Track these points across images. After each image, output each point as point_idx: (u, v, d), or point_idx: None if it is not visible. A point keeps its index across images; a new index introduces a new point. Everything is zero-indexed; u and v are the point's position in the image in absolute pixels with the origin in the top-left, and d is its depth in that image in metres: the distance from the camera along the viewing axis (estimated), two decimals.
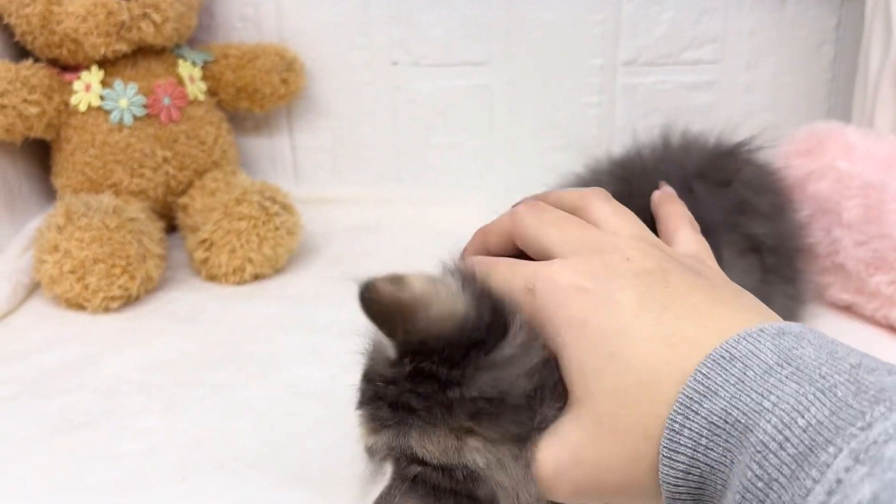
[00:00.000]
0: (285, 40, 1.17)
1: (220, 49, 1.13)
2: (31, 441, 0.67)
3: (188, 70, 1.07)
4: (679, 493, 0.41)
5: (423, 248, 1.09)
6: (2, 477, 0.63)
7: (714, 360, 0.40)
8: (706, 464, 0.39)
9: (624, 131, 1.15)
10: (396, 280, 0.45)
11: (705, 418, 0.39)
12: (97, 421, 0.70)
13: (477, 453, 0.44)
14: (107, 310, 0.90)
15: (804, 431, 0.35)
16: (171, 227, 1.08)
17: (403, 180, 1.23)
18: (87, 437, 0.68)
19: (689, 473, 0.40)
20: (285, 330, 0.87)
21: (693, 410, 0.39)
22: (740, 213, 0.72)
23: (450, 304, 0.45)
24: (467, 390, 0.44)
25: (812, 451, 0.35)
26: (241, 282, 0.97)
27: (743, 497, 0.37)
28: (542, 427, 0.45)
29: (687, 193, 0.62)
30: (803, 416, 0.36)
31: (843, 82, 1.12)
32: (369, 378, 0.49)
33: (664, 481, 0.41)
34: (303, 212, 1.04)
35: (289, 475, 0.62)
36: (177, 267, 1.02)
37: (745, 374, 0.38)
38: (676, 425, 0.40)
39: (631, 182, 0.70)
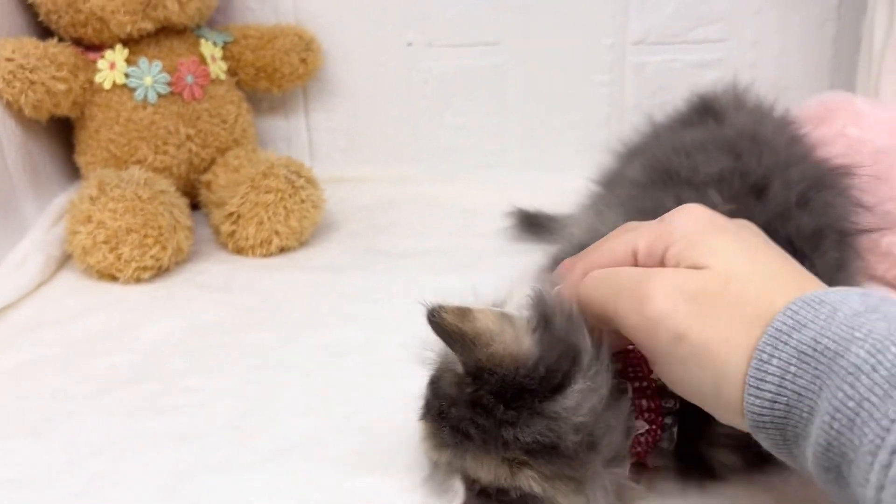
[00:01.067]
0: (301, 22, 1.19)
1: (239, 30, 1.15)
2: (82, 396, 0.70)
3: (210, 50, 1.09)
4: (764, 422, 0.43)
5: (440, 224, 1.12)
6: (59, 428, 0.65)
7: (804, 301, 0.42)
8: (793, 391, 0.41)
9: (634, 110, 1.18)
10: (463, 312, 0.47)
11: (794, 348, 0.41)
12: (145, 378, 0.72)
13: (532, 481, 0.46)
14: (138, 280, 0.92)
15: None
16: (193, 206, 1.10)
17: (418, 159, 1.25)
18: (137, 393, 0.70)
19: (776, 402, 0.42)
20: (316, 296, 0.89)
21: (782, 341, 0.41)
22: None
23: (512, 347, 0.46)
24: (521, 433, 0.46)
25: None
26: (268, 254, 0.99)
27: (832, 417, 0.38)
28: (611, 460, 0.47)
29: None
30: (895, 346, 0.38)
31: (845, 59, 1.15)
32: (436, 390, 0.51)
33: (749, 410, 0.43)
34: None
35: (338, 420, 0.65)
36: (202, 242, 1.04)
37: (834, 314, 0.41)
38: (765, 355, 0.42)
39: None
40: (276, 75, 1.15)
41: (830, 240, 0.64)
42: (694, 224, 0.49)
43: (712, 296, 0.45)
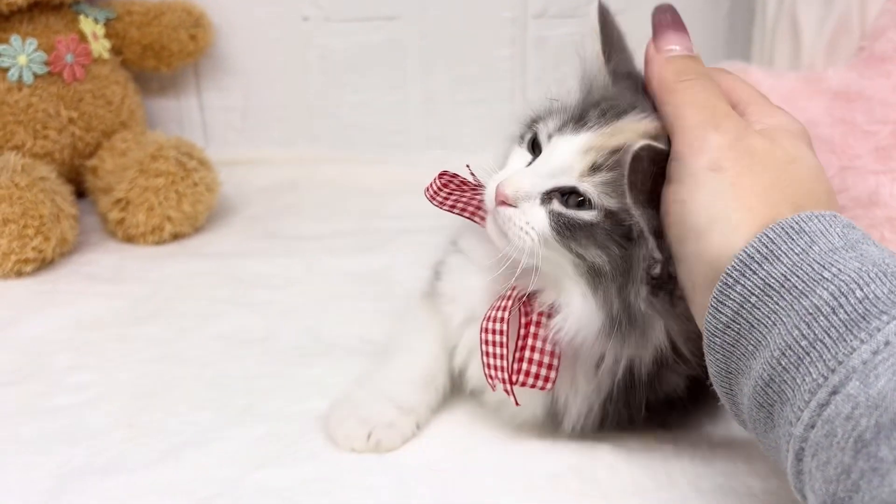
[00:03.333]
0: None
1: (123, 6, 1.09)
2: None
3: (90, 26, 1.03)
4: (715, 342, 0.43)
5: (341, 206, 1.09)
6: None
7: (783, 228, 0.41)
8: (747, 321, 0.41)
9: (536, 84, 1.17)
10: None
11: (762, 279, 0.41)
12: (26, 379, 0.67)
13: None
14: (20, 274, 0.86)
15: (860, 302, 0.37)
16: (79, 193, 1.04)
17: (317, 139, 1.21)
18: (17, 394, 0.65)
19: (729, 328, 0.42)
20: (212, 284, 0.85)
21: (751, 270, 0.41)
22: None
23: None
24: None
25: (865, 319, 0.37)
26: (160, 241, 0.95)
27: (783, 353, 0.39)
28: None
29: None
30: (861, 290, 0.37)
31: (739, 30, 1.17)
32: None
33: (706, 327, 0.43)
34: None
35: (237, 412, 0.62)
36: (89, 231, 0.98)
37: (810, 247, 0.40)
38: (731, 280, 0.42)
39: None
40: (164, 53, 1.10)
41: None
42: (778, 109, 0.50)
43: (766, 163, 0.45)
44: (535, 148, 0.54)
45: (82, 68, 1.01)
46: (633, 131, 0.50)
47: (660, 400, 0.56)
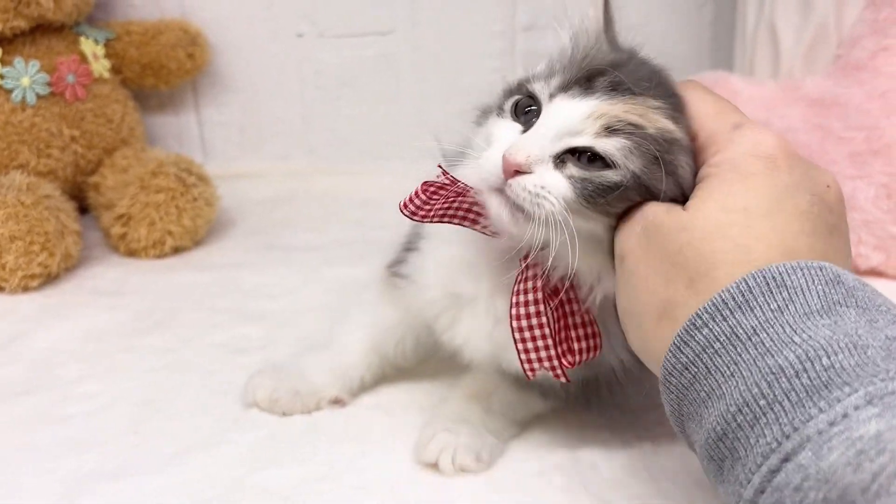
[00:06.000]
0: (187, 16, 1.16)
1: (121, 26, 1.12)
2: None
3: (91, 47, 1.06)
4: (671, 381, 0.42)
5: (337, 216, 1.12)
6: None
7: (764, 278, 0.40)
8: (706, 365, 0.40)
9: None
10: None
11: (731, 327, 0.39)
12: (38, 389, 0.70)
13: None
14: (26, 289, 0.89)
15: (825, 370, 0.36)
16: (81, 209, 1.07)
17: (314, 152, 1.24)
18: (31, 404, 0.67)
19: (687, 369, 0.41)
20: (213, 295, 0.88)
21: (722, 315, 0.40)
22: None
23: None
24: None
25: (827, 387, 0.35)
26: (162, 255, 0.97)
27: (739, 410, 0.37)
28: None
29: None
30: (829, 358, 0.36)
31: (723, 39, 1.20)
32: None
33: (664, 364, 0.42)
34: None
35: (237, 417, 0.64)
36: (92, 246, 1.01)
37: (787, 306, 0.39)
38: (700, 321, 0.41)
39: None
40: (162, 71, 1.13)
41: None
42: (743, 153, 0.46)
43: (661, 237, 0.45)
44: (518, 115, 0.52)
45: (83, 88, 1.04)
46: (650, 119, 0.48)
47: None
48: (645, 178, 0.47)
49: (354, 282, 0.90)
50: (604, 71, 0.50)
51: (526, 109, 0.52)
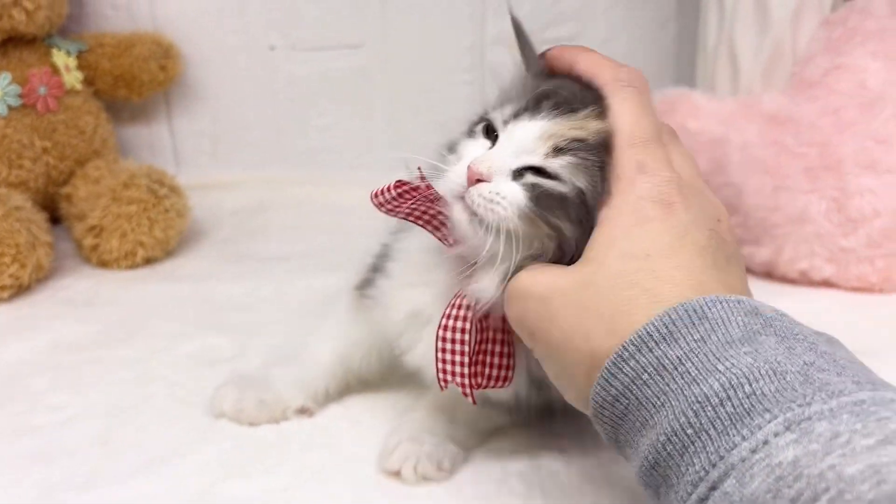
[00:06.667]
0: (159, 28, 1.18)
1: (94, 38, 1.13)
2: None
3: (63, 59, 1.07)
4: (603, 414, 0.44)
5: (309, 226, 1.13)
6: None
7: (686, 311, 0.42)
8: (636, 397, 0.42)
9: None
10: None
11: (657, 358, 0.41)
12: (7, 400, 0.70)
13: None
14: None
15: (747, 397, 0.38)
16: (53, 220, 1.07)
17: (286, 162, 1.26)
18: None
19: (618, 401, 0.43)
20: (183, 306, 0.89)
21: (648, 347, 0.41)
22: None
23: None
24: None
25: (749, 415, 0.37)
26: (133, 266, 0.98)
27: (668, 439, 0.39)
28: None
29: None
30: (750, 385, 0.38)
31: (686, 56, 1.22)
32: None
33: (594, 398, 0.44)
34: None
35: (205, 427, 0.65)
36: (64, 257, 1.01)
37: (709, 336, 0.41)
38: (626, 353, 0.42)
39: None
40: (135, 83, 1.14)
41: None
42: (641, 198, 0.47)
43: (566, 299, 0.46)
44: (488, 135, 0.55)
45: (55, 100, 1.05)
46: (589, 128, 0.51)
47: None
48: (588, 196, 0.50)
49: (326, 291, 0.92)
50: (547, 94, 0.53)
51: (495, 134, 0.55)
